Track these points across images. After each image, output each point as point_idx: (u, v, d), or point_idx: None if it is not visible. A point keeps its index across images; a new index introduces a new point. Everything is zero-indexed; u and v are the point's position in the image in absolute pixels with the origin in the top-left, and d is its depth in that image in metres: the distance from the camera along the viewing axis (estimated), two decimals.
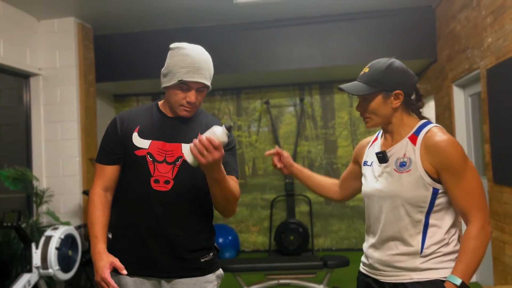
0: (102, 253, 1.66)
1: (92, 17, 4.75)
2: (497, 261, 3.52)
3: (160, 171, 1.65)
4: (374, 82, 1.51)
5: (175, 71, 1.63)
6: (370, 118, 1.55)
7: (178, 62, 1.63)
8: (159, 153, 1.67)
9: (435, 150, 1.44)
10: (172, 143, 1.68)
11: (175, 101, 1.66)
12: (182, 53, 1.65)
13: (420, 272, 1.47)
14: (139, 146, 1.68)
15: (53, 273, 3.29)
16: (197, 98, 1.66)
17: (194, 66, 1.62)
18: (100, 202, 1.72)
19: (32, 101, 4.67)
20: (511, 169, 3.18)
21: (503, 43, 3.24)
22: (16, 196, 4.46)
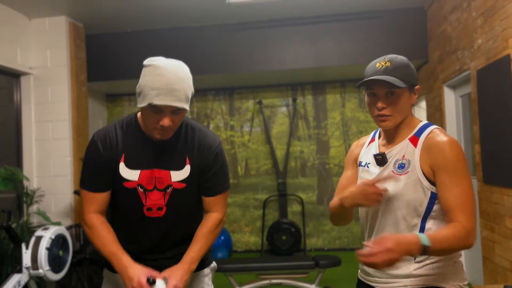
0: (132, 263, 1.57)
1: (84, 16, 4.72)
2: (487, 261, 3.55)
3: (152, 199, 1.61)
4: (405, 76, 1.43)
5: (146, 92, 1.48)
6: (392, 116, 1.45)
7: (149, 83, 1.48)
8: (149, 182, 1.60)
9: (435, 150, 1.40)
10: (161, 170, 1.61)
11: (148, 124, 1.54)
12: (154, 73, 1.49)
13: (414, 279, 1.43)
14: (127, 178, 1.60)
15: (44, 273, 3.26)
16: (173, 121, 1.52)
17: (167, 87, 1.46)
18: (100, 223, 1.63)
19: (22, 101, 4.63)
20: (500, 169, 3.22)
21: (493, 45, 3.27)
22: (6, 196, 4.42)
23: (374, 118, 1.50)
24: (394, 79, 1.41)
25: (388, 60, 1.47)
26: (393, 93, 1.44)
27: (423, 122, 1.50)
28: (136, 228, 1.66)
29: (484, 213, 3.56)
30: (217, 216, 1.70)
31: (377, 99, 1.46)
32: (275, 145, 6.09)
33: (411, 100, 1.48)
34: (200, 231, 1.67)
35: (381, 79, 1.42)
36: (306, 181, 6.06)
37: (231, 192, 6.04)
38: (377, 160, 1.52)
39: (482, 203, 3.59)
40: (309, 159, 6.07)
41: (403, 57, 1.51)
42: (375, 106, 1.47)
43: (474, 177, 3.82)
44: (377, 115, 1.47)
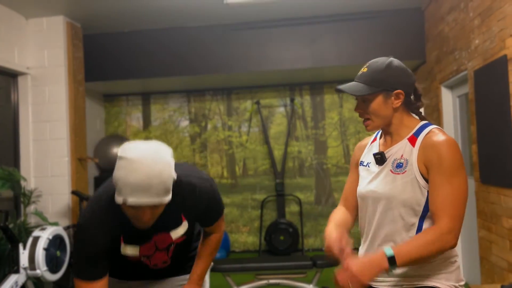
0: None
1: (81, 16, 4.71)
2: (484, 260, 3.56)
3: (156, 259, 1.66)
4: (374, 82, 1.46)
5: (120, 186, 1.34)
6: (371, 120, 1.50)
7: (122, 178, 1.33)
8: (150, 249, 1.62)
9: (430, 149, 1.40)
10: (160, 234, 1.59)
11: (128, 215, 1.43)
12: (126, 167, 1.33)
13: (411, 279, 1.43)
14: (129, 254, 1.59)
15: (41, 274, 3.25)
16: (153, 214, 1.42)
17: (141, 185, 1.32)
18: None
19: (20, 101, 4.62)
20: (497, 169, 3.23)
21: (490, 45, 3.28)
22: (3, 197, 4.41)
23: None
24: (356, 88, 1.47)
25: (367, 66, 1.51)
26: (365, 99, 1.49)
27: (423, 122, 1.51)
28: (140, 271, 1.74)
29: (481, 213, 3.58)
30: (218, 236, 1.80)
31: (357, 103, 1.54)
32: (273, 145, 6.09)
33: (391, 104, 1.48)
34: (205, 250, 1.78)
35: (341, 88, 1.49)
36: (304, 181, 6.06)
37: (229, 192, 6.05)
38: (376, 159, 1.53)
39: (479, 203, 3.60)
40: (307, 159, 6.08)
41: (384, 60, 1.50)
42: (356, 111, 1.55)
43: (471, 177, 3.83)
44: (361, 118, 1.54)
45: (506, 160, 3.06)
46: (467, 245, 4.12)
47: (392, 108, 1.48)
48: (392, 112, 1.49)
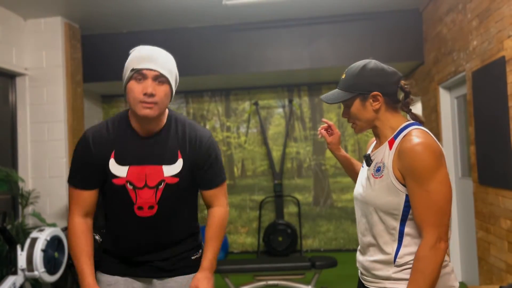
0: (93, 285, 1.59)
1: (79, 16, 4.70)
2: (482, 261, 3.57)
3: (142, 197, 1.58)
4: (349, 88, 1.49)
5: (127, 66, 1.54)
6: (355, 124, 1.53)
7: (130, 57, 1.55)
8: (139, 179, 1.57)
9: (403, 154, 1.37)
10: (151, 166, 1.58)
11: (134, 99, 1.51)
12: (136, 50, 1.57)
13: (393, 282, 1.42)
14: (116, 174, 1.57)
15: (39, 275, 3.25)
16: (157, 90, 1.51)
17: (147, 56, 1.52)
18: (82, 231, 1.61)
19: (18, 101, 4.61)
20: (495, 170, 3.23)
21: (488, 46, 3.29)
22: (1, 198, 4.40)
23: None
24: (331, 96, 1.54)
25: (346, 71, 1.55)
26: (346, 105, 1.54)
27: (405, 123, 1.47)
28: (129, 229, 1.64)
29: (479, 214, 3.58)
30: (220, 210, 1.72)
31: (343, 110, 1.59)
32: (271, 146, 6.09)
33: (370, 107, 1.48)
34: (210, 231, 1.69)
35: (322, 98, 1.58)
36: (302, 182, 6.06)
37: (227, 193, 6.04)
38: (365, 161, 1.55)
39: (477, 204, 3.61)
40: (305, 160, 6.08)
41: (360, 64, 1.51)
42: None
43: (470, 178, 3.83)
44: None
45: (504, 161, 3.06)
46: (465, 246, 4.13)
47: (373, 110, 1.48)
48: (375, 114, 1.48)
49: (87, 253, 1.60)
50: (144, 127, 1.59)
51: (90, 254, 1.61)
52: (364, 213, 1.50)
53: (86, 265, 1.59)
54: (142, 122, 1.58)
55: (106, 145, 1.59)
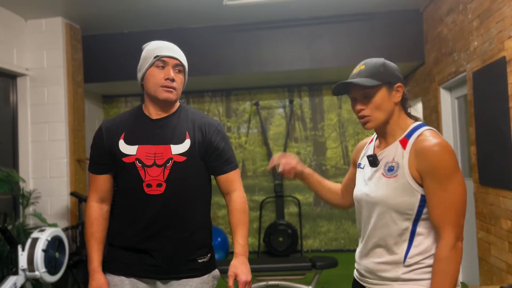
0: (95, 272, 1.69)
1: (80, 17, 4.71)
2: (482, 262, 3.57)
3: (151, 175, 1.63)
4: (376, 75, 1.44)
5: (149, 54, 1.67)
6: (372, 117, 1.46)
7: (151, 47, 1.70)
8: (148, 157, 1.64)
9: (422, 155, 1.37)
10: (160, 145, 1.66)
11: (154, 84, 1.65)
12: (153, 43, 1.72)
13: (402, 283, 1.41)
14: (126, 153, 1.66)
15: (40, 275, 3.25)
16: (176, 78, 1.67)
17: (167, 46, 1.69)
18: (95, 217, 1.72)
19: (19, 102, 4.62)
20: (496, 171, 3.23)
21: (489, 47, 3.29)
22: (2, 198, 4.40)
23: (360, 122, 1.52)
24: (362, 80, 1.43)
25: (363, 63, 1.50)
26: (368, 95, 1.46)
27: (416, 123, 1.48)
28: (138, 208, 1.66)
29: (480, 215, 3.58)
30: (239, 194, 1.75)
31: (356, 102, 1.49)
32: (272, 147, 6.09)
33: (393, 98, 1.47)
34: (234, 217, 1.73)
35: (347, 82, 1.45)
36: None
37: None
38: (370, 162, 1.52)
39: (478, 204, 3.61)
40: (306, 161, 6.08)
41: (379, 58, 1.52)
42: (355, 109, 1.50)
43: (470, 178, 3.83)
44: (359, 117, 1.50)
45: (505, 161, 3.06)
46: (466, 246, 4.13)
47: (393, 102, 1.47)
48: (393, 107, 1.48)
49: (97, 238, 1.72)
50: (158, 111, 1.71)
51: (100, 239, 1.73)
52: (372, 214, 1.48)
53: (94, 250, 1.71)
54: (160, 105, 1.70)
55: (117, 130, 1.71)
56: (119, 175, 1.71)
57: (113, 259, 1.71)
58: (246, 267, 1.66)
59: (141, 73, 1.69)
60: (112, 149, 1.69)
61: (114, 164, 1.71)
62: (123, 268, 1.68)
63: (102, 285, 1.67)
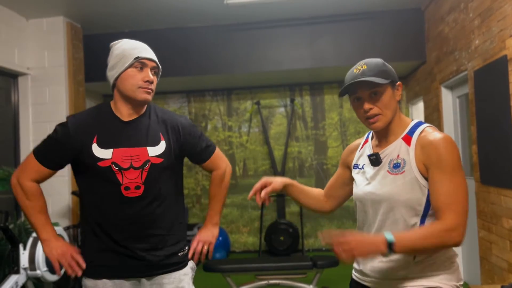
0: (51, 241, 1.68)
1: (81, 16, 4.71)
2: (484, 261, 3.56)
3: (129, 177, 1.62)
4: (383, 74, 1.45)
5: (127, 54, 1.64)
6: (382, 115, 1.45)
7: (128, 47, 1.67)
8: (124, 160, 1.62)
9: (428, 147, 1.39)
10: (136, 148, 1.65)
11: (133, 85, 1.63)
12: (127, 42, 1.70)
13: (413, 280, 1.41)
14: (101, 157, 1.62)
15: (41, 274, 3.25)
16: (153, 80, 1.67)
17: (145, 47, 1.69)
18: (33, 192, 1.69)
19: (20, 101, 4.62)
20: (497, 170, 3.23)
21: (490, 45, 3.28)
22: (3, 197, 4.41)
23: (364, 121, 1.50)
24: (374, 78, 1.43)
25: (364, 63, 1.50)
26: (376, 93, 1.46)
27: (414, 121, 1.51)
28: (115, 210, 1.64)
29: (481, 214, 3.57)
30: (218, 172, 1.88)
31: (362, 102, 1.47)
32: (273, 146, 6.09)
33: (396, 97, 1.49)
34: (210, 191, 1.90)
35: (362, 80, 1.43)
36: (304, 181, 6.06)
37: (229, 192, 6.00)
38: (371, 161, 1.52)
39: (479, 203, 3.60)
40: (307, 160, 6.08)
41: (377, 58, 1.53)
42: (362, 109, 1.47)
43: (472, 177, 3.83)
44: (366, 117, 1.47)
45: (506, 160, 3.06)
46: (467, 245, 4.12)
47: (396, 101, 1.50)
48: (396, 105, 1.50)
49: (42, 211, 1.70)
50: (131, 112, 1.69)
51: (45, 211, 1.71)
52: (378, 212, 1.48)
53: (41, 221, 1.68)
54: (135, 106, 1.68)
55: (88, 130, 1.65)
56: (93, 181, 1.66)
57: (92, 263, 1.69)
58: (208, 232, 1.85)
59: (116, 72, 1.65)
60: (81, 151, 1.63)
61: (72, 165, 1.69)
62: (105, 271, 1.68)
63: (66, 250, 1.66)
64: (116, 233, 1.66)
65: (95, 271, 1.68)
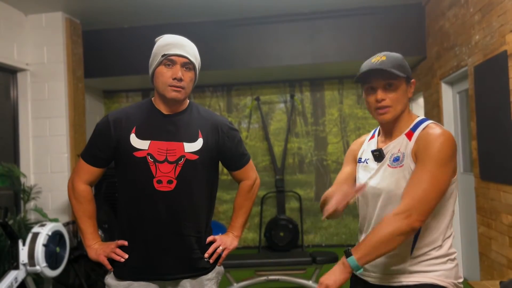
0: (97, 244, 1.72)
1: (80, 12, 4.70)
2: (483, 257, 3.56)
3: (162, 171, 1.62)
4: (401, 68, 1.45)
5: (157, 51, 1.65)
6: (392, 108, 1.45)
7: (161, 44, 1.67)
8: (160, 153, 1.63)
9: (423, 139, 1.40)
10: (172, 142, 1.65)
11: (163, 83, 1.63)
12: (164, 38, 1.69)
13: (409, 275, 1.42)
14: (138, 147, 1.64)
15: (41, 270, 3.26)
16: (184, 76, 1.63)
17: (177, 43, 1.65)
18: (85, 196, 1.72)
19: (19, 97, 4.62)
20: (497, 166, 3.22)
21: (491, 41, 3.27)
22: (3, 193, 4.41)
23: (373, 111, 1.50)
24: (392, 69, 1.43)
25: (383, 55, 1.50)
26: (391, 85, 1.45)
27: (420, 117, 1.51)
28: (145, 204, 1.64)
29: (480, 209, 3.57)
30: (248, 183, 1.87)
31: (376, 91, 1.47)
32: (273, 142, 6.08)
33: (408, 93, 1.50)
34: (236, 201, 1.89)
35: (380, 68, 1.43)
36: (304, 177, 6.06)
37: (229, 188, 6.05)
38: (375, 156, 1.53)
39: (479, 199, 3.60)
40: (307, 156, 6.07)
41: (397, 53, 1.53)
42: (375, 98, 1.47)
43: (471, 173, 3.82)
44: (376, 107, 1.47)
45: (506, 156, 3.05)
46: (466, 241, 4.12)
47: (408, 97, 1.50)
48: (407, 102, 1.50)
49: (91, 216, 1.73)
50: (168, 108, 1.69)
51: (93, 216, 1.74)
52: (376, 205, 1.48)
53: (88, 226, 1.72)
54: (169, 104, 1.68)
55: (128, 122, 1.68)
56: (126, 168, 1.67)
57: (118, 263, 1.68)
58: (229, 239, 1.80)
59: (151, 69, 1.68)
60: (120, 142, 1.65)
61: (114, 158, 1.70)
62: (130, 273, 1.66)
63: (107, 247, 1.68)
64: (145, 231, 1.65)
65: (121, 271, 1.68)
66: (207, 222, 1.76)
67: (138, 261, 1.66)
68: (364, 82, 1.50)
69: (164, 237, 1.65)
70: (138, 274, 1.66)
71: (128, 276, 1.66)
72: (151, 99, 1.75)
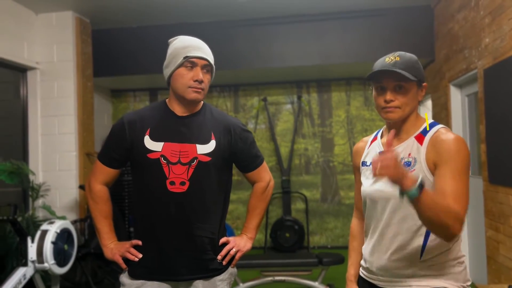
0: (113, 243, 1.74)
1: (90, 11, 4.73)
2: (491, 260, 3.54)
3: (175, 172, 1.63)
4: (412, 70, 1.44)
5: (178, 53, 1.66)
6: (400, 109, 1.44)
7: (180, 45, 1.67)
8: (173, 155, 1.64)
9: (440, 146, 1.38)
10: (186, 144, 1.66)
11: (182, 84, 1.65)
12: (181, 39, 1.70)
13: (419, 279, 1.41)
14: (151, 149, 1.65)
15: (49, 267, 3.28)
16: (204, 78, 1.66)
17: (196, 45, 1.68)
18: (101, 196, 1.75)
19: (29, 95, 4.66)
20: (506, 169, 3.20)
21: (501, 44, 3.25)
22: (12, 190, 4.45)
23: (380, 111, 1.49)
24: (404, 72, 1.42)
25: (397, 55, 1.48)
26: (401, 87, 1.44)
27: (429, 122, 1.49)
28: (158, 205, 1.65)
29: (489, 213, 3.55)
30: (261, 184, 1.86)
31: (385, 92, 1.46)
32: (279, 142, 6.09)
33: (418, 97, 1.49)
34: (250, 203, 1.88)
35: (392, 69, 1.42)
36: (310, 178, 6.05)
37: (235, 189, 6.03)
38: None
39: (487, 202, 3.58)
40: (314, 157, 6.07)
41: (412, 54, 1.51)
42: (383, 98, 1.46)
43: (480, 176, 3.80)
44: (383, 107, 1.46)
45: None
46: (474, 244, 4.10)
47: (417, 100, 1.49)
48: (416, 105, 1.49)
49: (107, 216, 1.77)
50: (184, 109, 1.71)
51: (110, 216, 1.78)
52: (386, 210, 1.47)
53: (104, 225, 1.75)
54: (186, 105, 1.70)
55: (142, 124, 1.69)
56: (140, 169, 1.69)
57: (133, 262, 1.69)
58: (243, 242, 1.80)
59: (168, 70, 1.68)
60: (134, 144, 1.67)
61: (129, 159, 1.72)
62: (144, 272, 1.67)
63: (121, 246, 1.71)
64: (158, 232, 1.66)
65: (135, 270, 1.69)
66: (221, 223, 1.76)
67: (151, 261, 1.67)
68: (375, 80, 1.49)
69: (176, 238, 1.66)
70: (151, 274, 1.67)
71: (141, 275, 1.67)
72: (165, 100, 1.77)
